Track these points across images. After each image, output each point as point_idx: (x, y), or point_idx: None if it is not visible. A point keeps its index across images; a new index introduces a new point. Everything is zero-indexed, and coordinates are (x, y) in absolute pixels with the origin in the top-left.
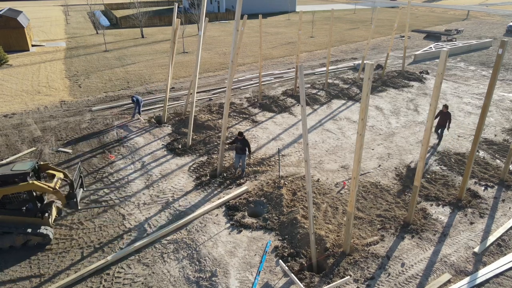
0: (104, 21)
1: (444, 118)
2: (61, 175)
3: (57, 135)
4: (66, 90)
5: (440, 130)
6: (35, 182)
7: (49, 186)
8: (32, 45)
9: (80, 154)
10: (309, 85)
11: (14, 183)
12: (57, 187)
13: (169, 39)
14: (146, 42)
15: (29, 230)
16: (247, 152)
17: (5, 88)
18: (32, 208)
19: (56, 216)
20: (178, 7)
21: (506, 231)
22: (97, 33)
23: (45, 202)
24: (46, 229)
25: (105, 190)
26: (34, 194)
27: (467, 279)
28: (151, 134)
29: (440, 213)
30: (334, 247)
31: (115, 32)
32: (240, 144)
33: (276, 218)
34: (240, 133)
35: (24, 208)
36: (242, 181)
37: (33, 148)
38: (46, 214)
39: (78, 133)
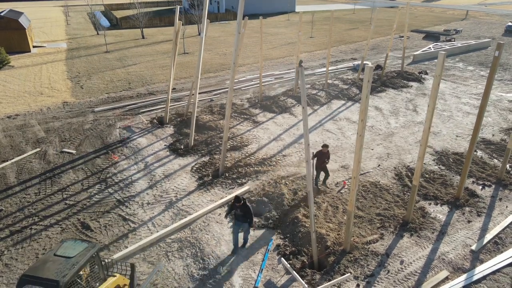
0: (105, 22)
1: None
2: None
3: (60, 136)
4: (68, 91)
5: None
6: None
7: None
8: (33, 46)
9: (84, 154)
10: (309, 86)
11: None
12: None
13: (170, 40)
14: (147, 43)
15: None
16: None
17: (8, 89)
18: None
19: None
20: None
21: (503, 229)
22: (97, 34)
23: None
24: None
25: (109, 190)
26: None
27: (464, 276)
28: (153, 134)
29: (438, 211)
30: (335, 245)
31: (115, 33)
32: (240, 211)
33: (278, 217)
34: (237, 198)
35: None
36: (244, 180)
37: (38, 149)
38: None
39: (81, 134)
